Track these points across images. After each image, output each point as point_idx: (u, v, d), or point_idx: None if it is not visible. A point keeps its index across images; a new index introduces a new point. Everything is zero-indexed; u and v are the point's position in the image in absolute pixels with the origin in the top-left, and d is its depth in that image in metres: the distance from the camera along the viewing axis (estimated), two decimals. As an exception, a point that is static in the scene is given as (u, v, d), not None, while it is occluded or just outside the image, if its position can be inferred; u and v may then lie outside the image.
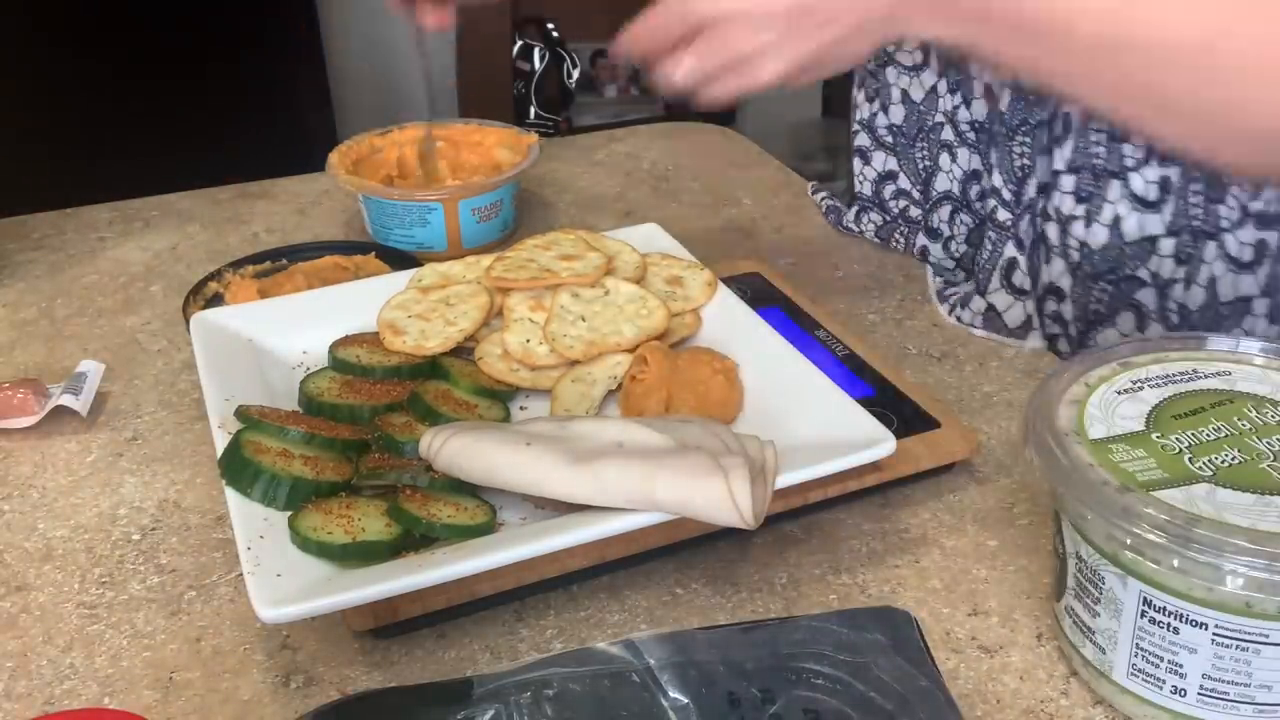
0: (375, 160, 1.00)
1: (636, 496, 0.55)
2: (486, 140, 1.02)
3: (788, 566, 0.62)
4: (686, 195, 1.07)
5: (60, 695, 0.55)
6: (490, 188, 0.93)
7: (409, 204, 0.91)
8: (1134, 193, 0.78)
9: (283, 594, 0.52)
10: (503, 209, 0.95)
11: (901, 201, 0.95)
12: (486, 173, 0.99)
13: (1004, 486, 0.67)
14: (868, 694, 0.44)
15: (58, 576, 0.62)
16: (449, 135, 1.02)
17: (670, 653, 0.45)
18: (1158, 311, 0.80)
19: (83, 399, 0.74)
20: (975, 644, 0.57)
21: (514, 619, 0.59)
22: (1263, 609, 0.46)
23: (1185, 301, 0.79)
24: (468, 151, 1.02)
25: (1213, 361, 0.57)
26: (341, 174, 0.95)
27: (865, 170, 0.96)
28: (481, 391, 0.69)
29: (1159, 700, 0.50)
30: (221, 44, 2.41)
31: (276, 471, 0.59)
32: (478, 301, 0.74)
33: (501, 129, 1.02)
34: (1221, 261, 0.77)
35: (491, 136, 1.02)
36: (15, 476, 0.70)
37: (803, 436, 0.63)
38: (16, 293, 0.91)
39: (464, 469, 0.58)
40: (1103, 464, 0.50)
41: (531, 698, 0.43)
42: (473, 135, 1.02)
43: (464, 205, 0.91)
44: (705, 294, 0.76)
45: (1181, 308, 0.79)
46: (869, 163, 0.95)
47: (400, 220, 0.92)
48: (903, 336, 0.83)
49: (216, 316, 0.75)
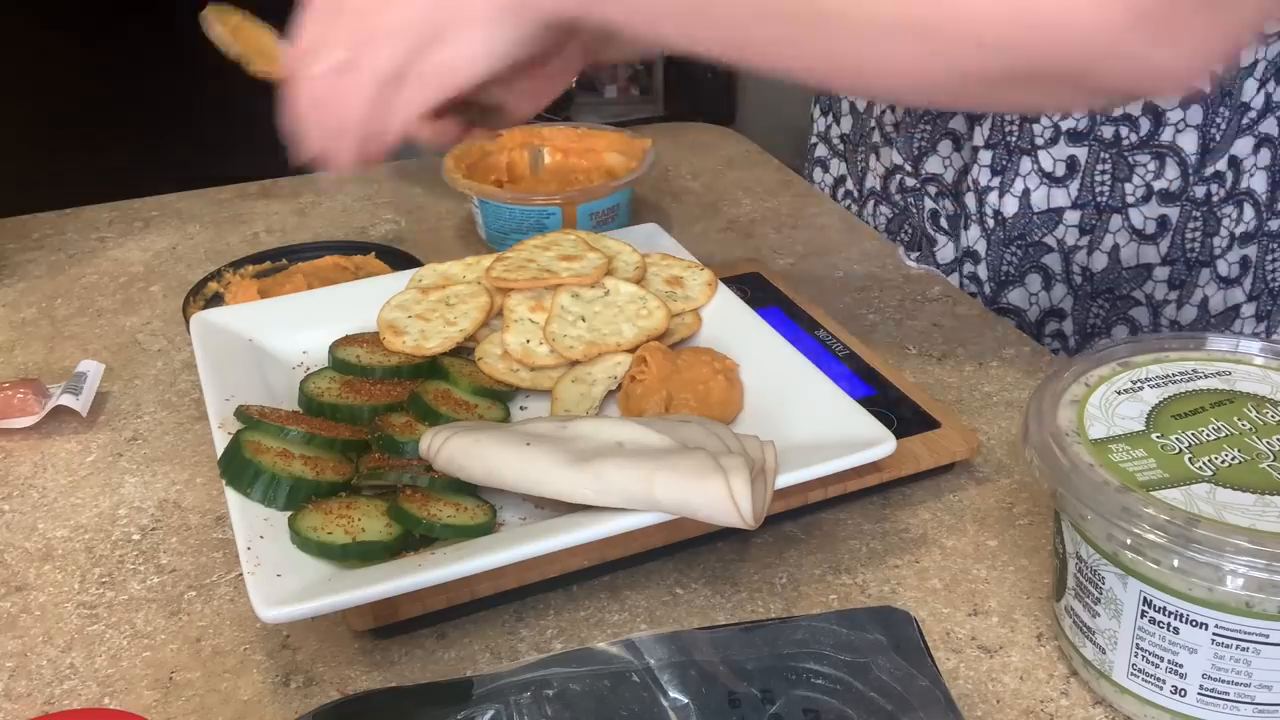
0: (486, 164, 0.99)
1: (636, 496, 0.55)
2: (597, 145, 1.00)
3: (788, 566, 0.62)
4: (686, 195, 1.07)
5: (60, 695, 0.55)
6: (608, 192, 0.92)
7: (527, 209, 0.91)
8: (1043, 168, 0.87)
9: (283, 594, 0.52)
10: (619, 213, 0.94)
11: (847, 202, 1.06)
12: (598, 177, 0.98)
13: (1004, 486, 0.67)
14: (868, 694, 0.44)
15: (58, 576, 0.62)
16: (557, 141, 1.00)
17: (670, 653, 0.45)
18: (1062, 274, 0.89)
19: (83, 399, 0.74)
20: (975, 644, 0.57)
21: (514, 619, 0.59)
22: (1263, 609, 0.46)
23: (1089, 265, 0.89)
24: (577, 157, 1.01)
25: (1213, 361, 0.57)
26: (459, 178, 0.93)
27: (824, 178, 1.08)
28: (481, 391, 0.69)
29: (1159, 700, 0.50)
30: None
31: (276, 471, 0.59)
32: (478, 302, 0.74)
33: (613, 133, 1.01)
34: (1125, 232, 0.86)
35: (602, 141, 1.00)
36: (15, 476, 0.70)
37: (803, 436, 0.63)
38: (16, 293, 0.91)
39: (464, 469, 0.58)
40: (1103, 464, 0.50)
41: (531, 698, 0.43)
42: (583, 140, 1.00)
43: (582, 210, 0.91)
44: (705, 294, 0.76)
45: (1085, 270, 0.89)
46: (828, 170, 1.08)
47: (518, 224, 0.91)
48: (903, 336, 0.83)
49: (216, 316, 0.75)
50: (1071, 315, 0.91)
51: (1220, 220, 0.85)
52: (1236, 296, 0.87)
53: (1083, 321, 0.91)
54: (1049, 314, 0.92)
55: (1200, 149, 0.84)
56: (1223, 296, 0.87)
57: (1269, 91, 0.82)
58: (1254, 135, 0.84)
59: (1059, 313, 0.92)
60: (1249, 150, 0.84)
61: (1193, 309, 0.88)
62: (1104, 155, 0.85)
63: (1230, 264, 0.86)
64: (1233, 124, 0.83)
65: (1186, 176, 0.84)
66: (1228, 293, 0.87)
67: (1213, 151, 0.84)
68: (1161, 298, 0.88)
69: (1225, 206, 0.85)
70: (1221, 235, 0.86)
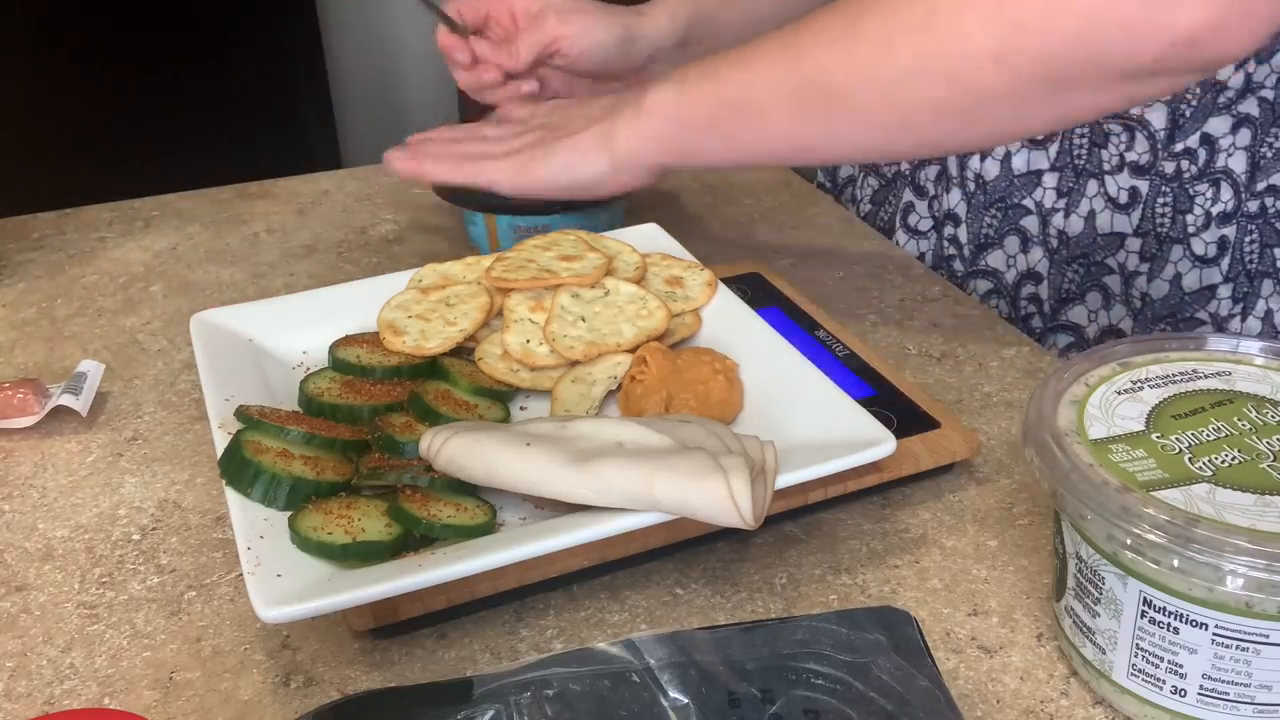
0: None
1: (636, 496, 0.55)
2: None
3: (788, 566, 0.62)
4: (686, 195, 1.07)
5: (60, 695, 0.55)
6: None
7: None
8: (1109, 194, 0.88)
9: (283, 594, 0.52)
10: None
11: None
12: None
13: (1004, 486, 0.67)
14: (868, 694, 0.44)
15: (58, 576, 0.62)
16: None
17: (670, 653, 0.45)
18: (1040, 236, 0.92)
19: (83, 399, 0.74)
20: (975, 644, 0.57)
21: (514, 619, 0.59)
22: (1263, 609, 0.46)
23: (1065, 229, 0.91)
24: None
25: (1212, 361, 0.57)
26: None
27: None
28: (481, 391, 0.69)
29: (1159, 700, 0.50)
30: (222, 45, 2.41)
31: (276, 471, 0.59)
32: (478, 302, 0.74)
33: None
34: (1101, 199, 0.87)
35: None
36: (15, 476, 0.70)
37: (803, 436, 0.63)
38: (16, 293, 0.91)
39: (464, 469, 0.58)
40: (1103, 464, 0.50)
41: (531, 698, 0.43)
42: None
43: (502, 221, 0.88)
44: (705, 294, 0.76)
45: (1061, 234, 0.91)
46: None
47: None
48: (903, 336, 0.83)
49: (216, 316, 0.75)
50: (1048, 279, 0.92)
51: (1193, 198, 0.85)
52: (1213, 276, 0.87)
53: (1058, 286, 0.92)
54: (1025, 276, 0.93)
55: (1170, 124, 0.84)
56: (1198, 275, 0.87)
57: (1249, 72, 0.82)
58: (1232, 115, 0.84)
59: (1035, 275, 0.93)
60: (1226, 129, 0.84)
61: (1164, 284, 0.88)
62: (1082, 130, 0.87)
63: (1207, 244, 0.86)
64: (1205, 102, 0.83)
65: (1155, 151, 0.85)
66: (1204, 271, 0.87)
67: (1182, 128, 0.84)
68: (1133, 269, 0.89)
69: (1199, 184, 0.85)
70: (1195, 214, 0.86)
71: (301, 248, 0.97)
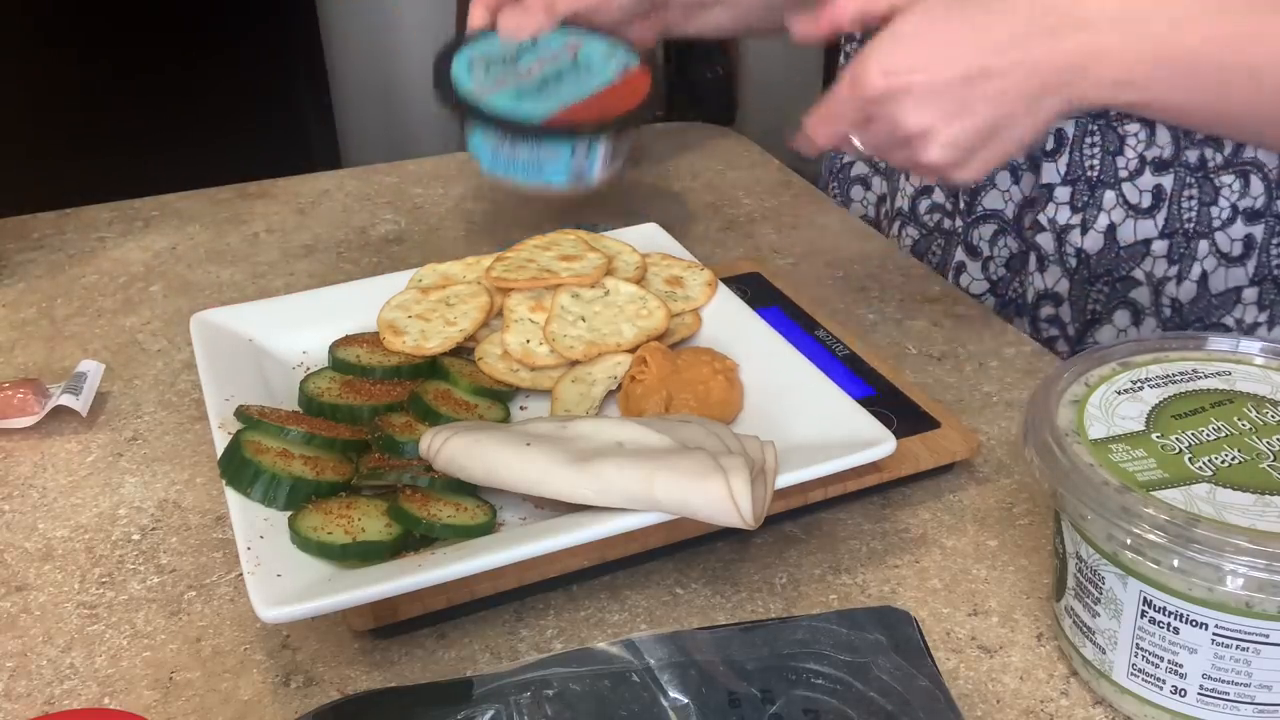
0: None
1: (636, 496, 0.55)
2: None
3: (788, 566, 0.62)
4: (686, 195, 1.07)
5: (60, 695, 0.55)
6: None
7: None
8: (1128, 200, 0.84)
9: (283, 594, 0.52)
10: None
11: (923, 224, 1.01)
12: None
13: (1004, 486, 0.67)
14: (868, 694, 0.44)
15: (58, 576, 0.62)
16: None
17: (670, 653, 0.45)
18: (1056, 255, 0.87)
19: (83, 399, 0.74)
20: (975, 644, 0.57)
21: (514, 619, 0.59)
22: (1263, 609, 0.46)
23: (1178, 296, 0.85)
24: None
25: (1212, 361, 0.57)
26: None
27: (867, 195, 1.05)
28: (481, 391, 0.69)
29: (1159, 700, 0.50)
30: (221, 44, 2.41)
31: (276, 471, 0.59)
32: (478, 302, 0.74)
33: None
34: (1213, 258, 0.83)
35: None
36: (15, 476, 0.70)
37: (803, 436, 0.63)
38: (16, 293, 0.91)
39: (464, 469, 0.58)
40: (1103, 464, 0.50)
41: (531, 698, 0.43)
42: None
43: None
44: (705, 294, 0.76)
45: (1174, 301, 0.85)
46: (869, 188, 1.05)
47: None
48: (903, 336, 0.83)
49: (216, 316, 0.75)
50: (1069, 300, 0.89)
51: (1219, 189, 0.83)
52: (1239, 278, 0.85)
53: (1081, 307, 0.89)
54: (1044, 297, 0.90)
55: None
56: (1224, 275, 0.85)
57: None
58: None
59: (1055, 296, 0.90)
60: None
61: (1192, 285, 0.85)
62: (1093, 128, 0.84)
63: (1233, 240, 0.84)
64: None
65: (1178, 140, 0.82)
66: (1229, 271, 0.85)
67: None
68: (1162, 274, 0.86)
69: (1224, 175, 0.83)
70: (1221, 205, 0.83)
71: (301, 248, 0.97)
